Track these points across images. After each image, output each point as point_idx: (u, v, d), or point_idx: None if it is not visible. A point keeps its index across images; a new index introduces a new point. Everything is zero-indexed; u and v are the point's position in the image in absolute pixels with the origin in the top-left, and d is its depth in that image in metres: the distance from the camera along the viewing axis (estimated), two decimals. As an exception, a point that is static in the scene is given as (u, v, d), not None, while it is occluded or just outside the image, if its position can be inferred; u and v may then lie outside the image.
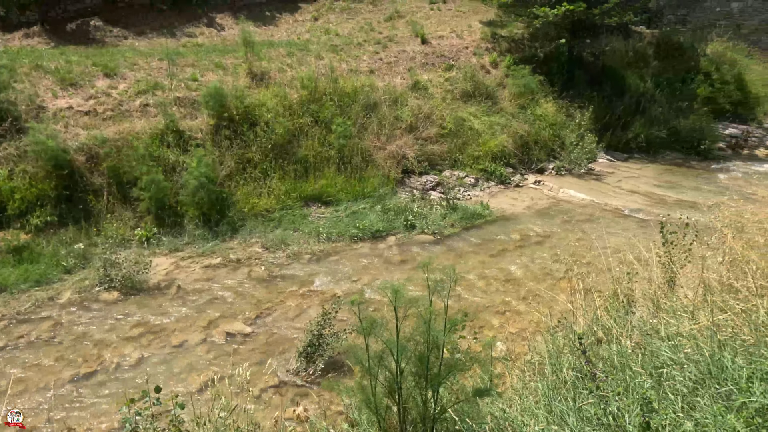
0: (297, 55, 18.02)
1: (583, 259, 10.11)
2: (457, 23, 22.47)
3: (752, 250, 5.31)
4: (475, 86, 18.59)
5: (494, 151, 16.74)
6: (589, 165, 17.96)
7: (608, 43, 22.15)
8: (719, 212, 6.47)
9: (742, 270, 5.10)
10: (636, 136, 19.46)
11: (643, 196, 15.77)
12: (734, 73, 24.21)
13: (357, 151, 14.86)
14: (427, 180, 15.29)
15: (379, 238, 12.70)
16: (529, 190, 16.25)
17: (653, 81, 21.80)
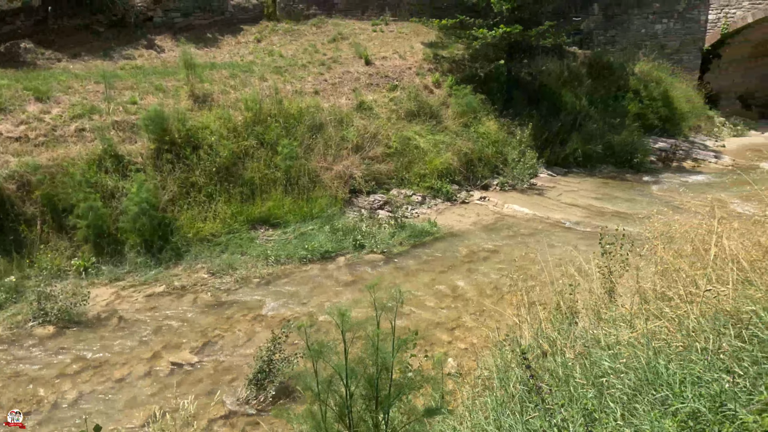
0: (240, 76, 17.87)
1: (528, 273, 10.38)
2: (400, 45, 22.90)
3: (681, 258, 5.60)
4: (420, 106, 18.94)
5: (440, 168, 17.05)
6: (531, 180, 18.54)
7: (544, 64, 23.10)
8: (649, 223, 6.80)
9: (672, 278, 5.37)
10: (574, 152, 20.27)
11: (582, 209, 16.39)
12: (661, 91, 25.72)
13: (304, 172, 14.80)
14: (374, 199, 15.38)
15: (329, 258, 12.64)
16: (475, 206, 16.60)
17: (587, 99, 22.84)
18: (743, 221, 6.77)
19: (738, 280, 5.24)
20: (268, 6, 23.64)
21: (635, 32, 27.86)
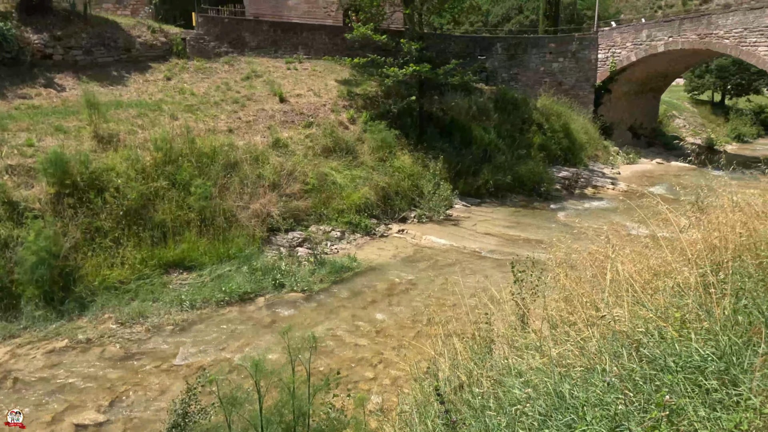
0: (149, 115, 17.31)
1: (446, 303, 10.62)
2: (314, 82, 23.16)
3: (581, 284, 5.96)
4: (335, 142, 19.14)
5: (358, 203, 17.21)
6: (447, 211, 19.13)
7: (454, 100, 24.17)
8: (553, 251, 7.19)
9: (575, 304, 5.70)
10: (485, 183, 21.18)
11: (496, 238, 17.07)
12: (561, 123, 27.61)
13: (219, 212, 14.43)
14: (293, 237, 15.23)
15: (248, 300, 12.31)
16: (394, 239, 16.84)
17: (495, 132, 24.07)
18: (636, 244, 7.34)
19: (632, 302, 5.65)
20: (177, 44, 23.20)
21: (535, 70, 29.87)
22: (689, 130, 38.94)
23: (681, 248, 7.01)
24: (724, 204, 7.64)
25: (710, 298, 4.95)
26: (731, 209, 7.38)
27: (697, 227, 6.94)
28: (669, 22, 28.65)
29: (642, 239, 8.47)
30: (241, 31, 25.69)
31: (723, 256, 6.27)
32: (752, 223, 6.39)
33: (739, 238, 6.29)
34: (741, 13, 25.92)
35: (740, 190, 9.67)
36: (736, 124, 40.56)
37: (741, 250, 6.28)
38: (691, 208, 8.66)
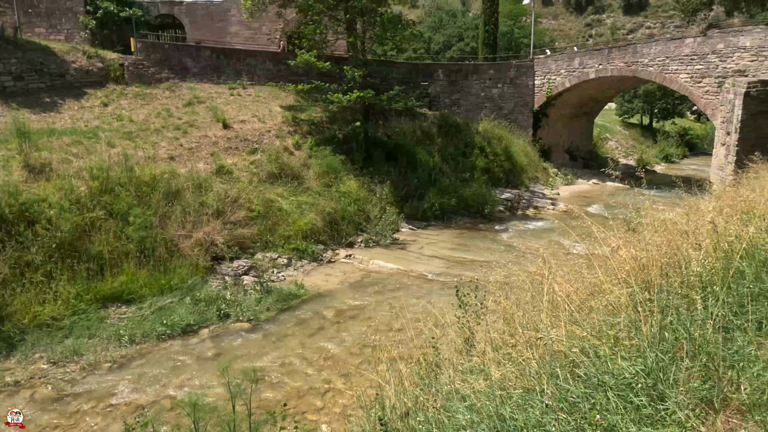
0: (84, 143, 16.71)
1: (394, 328, 10.64)
2: (258, 108, 23.03)
3: (520, 306, 6.14)
4: (281, 168, 19.04)
5: (304, 229, 17.10)
6: (394, 235, 19.27)
7: (398, 124, 24.57)
8: (493, 274, 7.37)
9: (515, 326, 5.85)
10: (431, 206, 21.50)
11: (442, 260, 17.31)
12: (502, 147, 28.49)
13: (160, 242, 14.01)
14: (239, 265, 14.94)
15: (191, 332, 11.94)
16: (341, 264, 16.79)
17: (440, 156, 24.58)
18: (574, 263, 7.62)
19: (569, 321, 5.86)
20: (115, 69, 22.62)
21: (476, 95, 30.81)
22: (621, 152, 41.01)
23: (613, 267, 7.36)
24: (651, 224, 8.08)
25: (639, 316, 5.20)
26: (658, 229, 7.81)
27: (627, 247, 7.30)
28: (599, 50, 30.30)
29: (580, 258, 8.84)
30: (182, 57, 25.32)
31: (651, 274, 6.61)
32: (676, 242, 6.78)
33: (665, 257, 6.66)
34: (663, 43, 27.73)
35: (667, 208, 10.27)
36: (664, 145, 43.10)
37: (667, 268, 6.64)
38: (623, 228, 9.12)
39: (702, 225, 7.98)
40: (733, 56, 25.32)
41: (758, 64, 24.78)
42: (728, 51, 25.41)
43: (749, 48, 24.86)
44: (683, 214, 8.62)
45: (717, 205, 9.42)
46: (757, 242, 6.91)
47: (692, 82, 26.54)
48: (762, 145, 23.49)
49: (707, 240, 6.90)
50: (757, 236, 7.30)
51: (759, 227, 7.50)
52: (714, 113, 26.08)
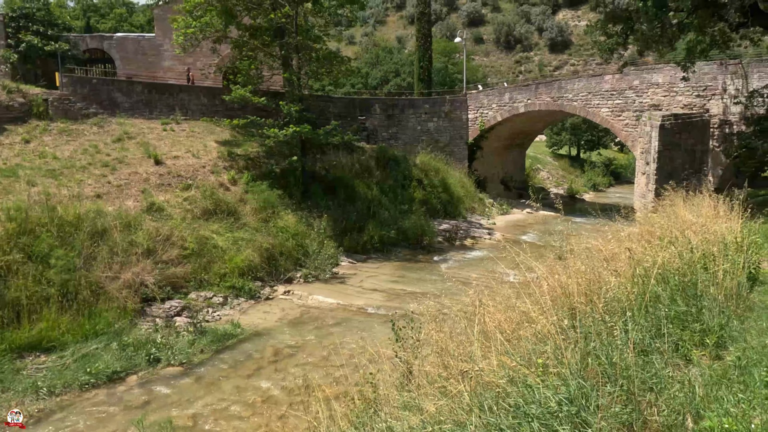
0: (2, 182, 15.79)
1: (333, 365, 10.45)
2: (193, 143, 22.57)
3: (453, 337, 6.18)
4: (216, 204, 18.62)
5: (241, 266, 16.70)
6: (334, 269, 19.12)
7: (337, 158, 24.69)
8: (426, 306, 7.41)
9: (447, 358, 5.87)
10: (371, 238, 21.55)
11: (382, 293, 17.27)
12: (440, 179, 29.11)
13: (85, 285, 13.27)
14: (171, 306, 14.35)
15: (118, 380, 11.27)
16: (280, 301, 16.45)
17: (378, 188, 24.80)
18: (507, 292, 7.78)
19: (501, 351, 5.95)
20: (38, 105, 21.65)
21: (413, 129, 31.51)
22: (552, 182, 42.82)
23: (541, 295, 7.57)
24: (576, 251, 8.41)
25: (564, 343, 5.35)
26: (580, 256, 8.13)
27: (552, 275, 7.54)
28: (527, 86, 31.80)
29: (513, 286, 9.05)
30: (112, 92, 24.61)
31: (575, 301, 6.84)
32: (598, 269, 7.06)
33: (588, 283, 6.93)
34: (585, 80, 29.46)
35: (593, 234, 10.73)
36: (591, 175, 45.41)
37: (591, 294, 6.90)
38: (553, 255, 9.44)
39: (622, 251, 8.39)
40: (648, 91, 27.19)
41: (670, 98, 26.71)
42: (643, 87, 27.27)
43: (662, 84, 26.79)
44: (605, 241, 9.03)
45: (634, 232, 9.96)
46: (671, 267, 7.32)
47: (613, 116, 28.23)
48: (678, 173, 25.14)
49: (625, 266, 7.25)
50: (671, 261, 7.74)
51: (672, 252, 7.96)
52: (634, 144, 27.77)
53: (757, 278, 8.48)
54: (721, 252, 8.17)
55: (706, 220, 10.26)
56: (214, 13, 20.69)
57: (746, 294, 7.33)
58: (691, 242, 8.39)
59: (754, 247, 8.82)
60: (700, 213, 11.38)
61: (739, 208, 11.85)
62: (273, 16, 19.39)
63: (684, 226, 10.06)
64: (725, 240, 8.62)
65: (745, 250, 8.43)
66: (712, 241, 8.56)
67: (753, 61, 24.32)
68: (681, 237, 8.95)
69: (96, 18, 59.59)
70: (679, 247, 8.32)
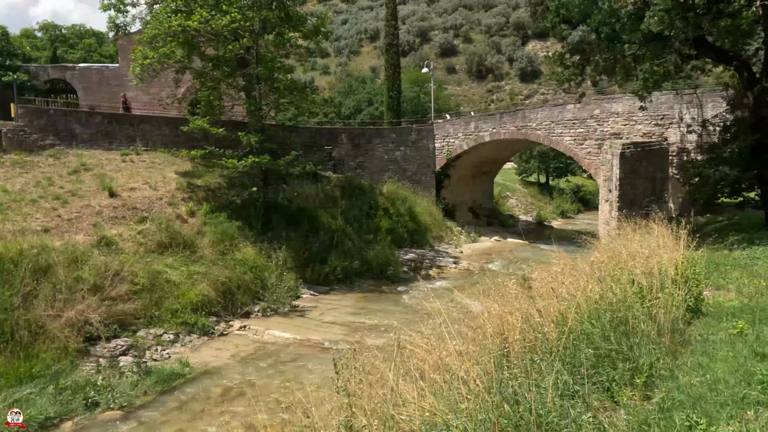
0: (-58, 217, 15.17)
1: (283, 404, 10.03)
2: (151, 175, 22.14)
3: (406, 376, 5.95)
4: (172, 237, 18.16)
5: (195, 301, 16.20)
6: (294, 302, 18.72)
7: (301, 188, 24.46)
8: (381, 339, 7.14)
9: (370, 405, 5.60)
10: (333, 269, 21.21)
11: (342, 326, 16.89)
12: (407, 208, 29.03)
13: (23, 324, 12.65)
14: (117, 344, 13.77)
15: (51, 426, 10.63)
16: (234, 337, 15.95)
17: (343, 218, 24.57)
18: (447, 328, 7.55)
19: (431, 392, 5.72)
20: (-10, 136, 21.09)
21: (380, 158, 31.54)
22: (521, 209, 43.13)
23: (481, 329, 7.38)
24: (513, 290, 8.27)
25: (489, 385, 5.14)
26: (521, 295, 7.99)
27: (490, 311, 7.37)
28: (492, 115, 32.21)
29: (465, 318, 8.86)
30: (70, 123, 24.16)
31: (509, 339, 6.66)
32: (529, 308, 6.90)
33: (522, 321, 6.76)
34: (548, 109, 29.96)
35: (554, 261, 10.63)
36: (560, 202, 45.90)
37: (524, 332, 6.73)
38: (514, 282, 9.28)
39: (561, 284, 8.27)
40: (609, 120, 27.73)
41: (630, 127, 27.25)
42: (604, 116, 27.81)
43: (621, 113, 27.36)
44: (545, 276, 8.92)
45: (580, 265, 9.86)
46: (606, 301, 7.19)
47: (576, 144, 28.66)
48: (640, 200, 25.50)
49: (556, 303, 7.11)
50: (605, 296, 7.61)
51: (606, 287, 7.85)
52: (597, 172, 28.14)
53: (699, 310, 8.42)
54: (661, 284, 8.10)
55: (651, 251, 10.25)
56: (175, 43, 20.53)
57: (684, 327, 7.24)
58: (632, 274, 8.32)
59: (695, 278, 8.79)
60: (648, 243, 11.40)
61: (687, 238, 11.90)
62: (232, 47, 19.30)
63: (629, 257, 10.03)
64: (666, 271, 8.58)
65: (686, 281, 8.39)
66: (653, 272, 8.49)
67: (707, 91, 25.02)
68: (624, 269, 8.89)
69: (64, 48, 58.99)
70: (618, 280, 8.23)
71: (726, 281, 10.81)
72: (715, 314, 8.17)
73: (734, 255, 13.49)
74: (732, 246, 15.03)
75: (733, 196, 18.13)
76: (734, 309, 8.18)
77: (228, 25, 18.52)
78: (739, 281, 10.33)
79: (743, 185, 17.82)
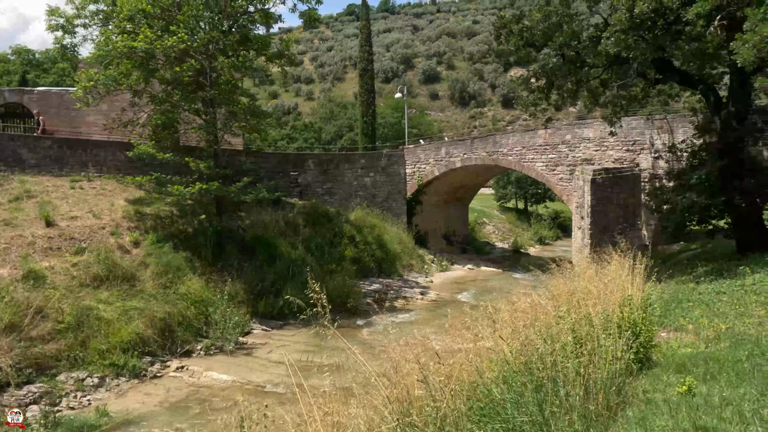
0: None
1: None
2: (99, 202, 20.97)
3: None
4: (110, 269, 16.95)
5: (128, 340, 14.94)
6: (243, 338, 17.50)
7: (260, 215, 23.39)
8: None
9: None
10: (289, 302, 19.99)
11: (288, 366, 15.64)
12: (375, 235, 28.02)
13: None
14: (28, 392, 12.44)
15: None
16: (169, 379, 14.66)
17: (304, 247, 23.47)
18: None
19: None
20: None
21: (349, 184, 30.62)
22: (498, 236, 42.29)
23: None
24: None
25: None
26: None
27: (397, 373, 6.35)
28: (463, 141, 31.54)
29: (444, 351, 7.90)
30: (16, 148, 23.02)
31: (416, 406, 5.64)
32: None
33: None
34: (519, 134, 29.33)
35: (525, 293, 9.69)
36: (538, 228, 45.16)
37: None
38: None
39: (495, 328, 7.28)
40: (580, 146, 27.11)
41: (602, 153, 26.64)
42: (575, 141, 27.20)
43: (593, 138, 26.76)
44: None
45: (522, 306, 8.84)
46: (533, 357, 6.18)
47: (547, 170, 27.97)
48: (612, 227, 24.72)
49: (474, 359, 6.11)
50: (525, 350, 6.59)
51: (541, 334, 6.85)
52: (569, 199, 27.40)
53: (649, 358, 7.42)
54: (606, 329, 7.13)
55: (602, 289, 9.31)
56: (129, 65, 19.50)
57: (624, 383, 6.23)
58: (568, 319, 7.32)
59: (646, 321, 7.81)
60: (602, 279, 10.46)
61: (645, 273, 10.98)
62: (179, 69, 18.39)
63: (581, 295, 9.07)
64: (612, 315, 7.59)
65: (635, 325, 7.40)
66: (593, 317, 7.51)
67: (678, 116, 24.53)
68: (569, 312, 7.90)
69: (37, 72, 58.06)
70: (552, 326, 7.23)
71: (686, 320, 9.87)
72: (665, 365, 7.19)
73: (700, 289, 12.58)
74: (700, 278, 14.15)
75: (702, 225, 17.34)
76: (687, 358, 7.19)
77: (175, 46, 17.64)
78: (700, 321, 9.39)
79: (712, 213, 17.07)
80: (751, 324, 8.40)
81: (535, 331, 6.65)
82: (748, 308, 9.56)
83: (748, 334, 7.72)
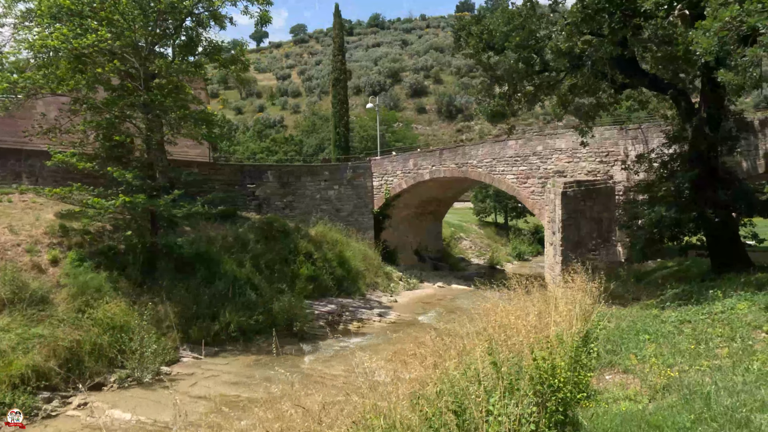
0: None
1: None
2: (24, 216, 19.18)
3: None
4: (16, 291, 15.13)
5: (20, 373, 13.08)
6: (167, 368, 15.70)
7: (205, 231, 21.66)
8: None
9: None
10: (226, 326, 18.22)
11: (210, 402, 13.84)
12: (336, 252, 26.29)
13: None
14: None
15: None
16: (63, 420, 12.80)
17: (252, 264, 21.73)
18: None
19: None
20: None
21: (311, 197, 28.98)
22: (475, 251, 40.63)
23: None
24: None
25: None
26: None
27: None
28: (431, 152, 30.05)
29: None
30: (-61, 158, 21.25)
31: None
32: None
33: None
34: (489, 145, 27.87)
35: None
36: (516, 243, 43.53)
37: None
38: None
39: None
40: (552, 158, 25.66)
41: (574, 165, 25.19)
42: (547, 153, 25.76)
43: (565, 150, 25.33)
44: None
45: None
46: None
47: (519, 183, 26.48)
48: (585, 243, 23.18)
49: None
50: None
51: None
52: (541, 213, 25.90)
53: (575, 421, 5.75)
54: (529, 375, 5.51)
55: (543, 324, 7.71)
56: (66, 65, 17.68)
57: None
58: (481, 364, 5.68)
59: (575, 367, 6.19)
60: (547, 307, 8.87)
61: (596, 299, 9.37)
62: (100, 70, 16.75)
63: (504, 332, 7.45)
64: (539, 358, 5.95)
65: (550, 377, 5.76)
66: (508, 360, 5.87)
67: (652, 126, 23.16)
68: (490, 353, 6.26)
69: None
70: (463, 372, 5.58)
71: (638, 359, 8.23)
72: (592, 431, 5.52)
73: (663, 316, 10.95)
74: (666, 302, 12.55)
75: (674, 241, 15.79)
76: (619, 423, 5.51)
77: (95, 44, 16.02)
78: (652, 362, 7.74)
79: (684, 228, 15.52)
80: (707, 369, 6.76)
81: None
82: (709, 345, 7.94)
83: (700, 385, 6.08)
